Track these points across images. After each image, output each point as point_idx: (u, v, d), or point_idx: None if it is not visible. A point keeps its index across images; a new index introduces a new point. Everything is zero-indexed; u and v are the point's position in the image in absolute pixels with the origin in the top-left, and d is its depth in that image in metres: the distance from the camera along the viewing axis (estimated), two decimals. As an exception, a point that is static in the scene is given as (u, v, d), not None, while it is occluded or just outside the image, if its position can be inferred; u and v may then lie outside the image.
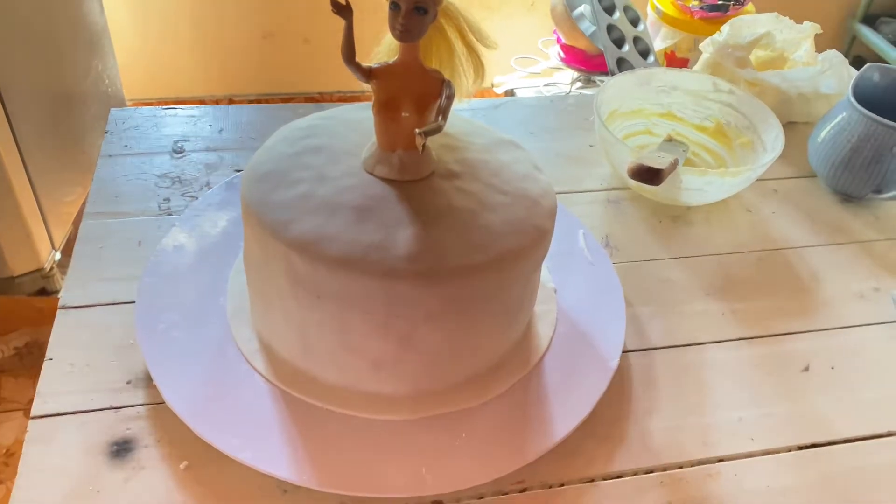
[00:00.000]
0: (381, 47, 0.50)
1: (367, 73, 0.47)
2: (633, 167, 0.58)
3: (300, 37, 1.88)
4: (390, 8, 0.44)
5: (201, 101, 1.93)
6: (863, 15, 2.11)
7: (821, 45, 0.84)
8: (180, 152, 0.71)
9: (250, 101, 1.97)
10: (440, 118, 0.46)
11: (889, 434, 0.54)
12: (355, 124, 0.52)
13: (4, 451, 1.27)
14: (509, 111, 0.84)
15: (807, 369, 0.58)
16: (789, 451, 0.53)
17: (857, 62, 2.31)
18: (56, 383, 0.51)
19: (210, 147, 0.72)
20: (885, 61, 2.05)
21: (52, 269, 1.35)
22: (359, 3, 0.47)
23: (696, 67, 0.84)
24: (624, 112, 0.77)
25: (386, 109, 0.48)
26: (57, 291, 1.37)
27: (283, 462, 0.46)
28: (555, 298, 0.58)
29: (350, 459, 0.47)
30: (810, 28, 0.83)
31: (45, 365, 0.52)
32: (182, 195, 0.67)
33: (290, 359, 0.50)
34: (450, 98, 0.47)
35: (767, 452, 0.52)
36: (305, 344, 0.49)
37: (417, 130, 0.43)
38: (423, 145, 0.45)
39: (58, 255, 1.36)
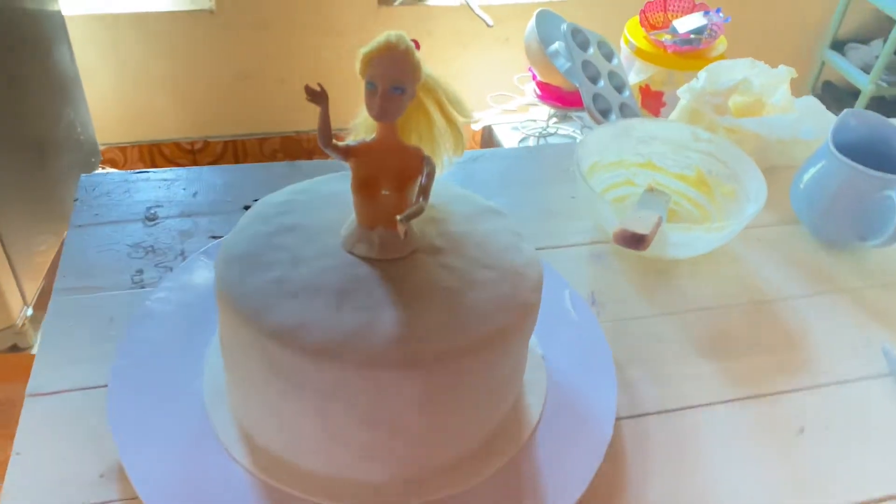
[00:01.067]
0: (357, 121, 0.49)
1: (346, 153, 0.46)
2: (617, 234, 0.57)
3: (275, 77, 1.87)
4: (366, 87, 0.43)
5: (176, 144, 1.91)
6: (831, 41, 2.14)
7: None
8: (153, 219, 0.69)
9: (225, 142, 1.95)
10: (421, 199, 0.44)
11: (887, 498, 0.53)
12: (333, 199, 0.51)
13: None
14: (487, 164, 0.83)
15: (802, 431, 0.57)
16: (788, 520, 0.51)
17: (826, 88, 2.34)
18: (25, 479, 0.48)
19: (184, 212, 0.70)
20: (854, 87, 2.08)
21: (24, 324, 1.31)
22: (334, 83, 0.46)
23: (674, 114, 0.84)
24: (604, 164, 0.76)
25: (365, 187, 0.46)
26: (30, 348, 1.33)
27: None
28: (543, 366, 0.57)
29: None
30: (786, 72, 0.83)
31: (13, 460, 0.49)
32: (156, 266, 0.65)
33: (271, 447, 0.48)
34: (430, 176, 0.45)
35: (767, 523, 0.51)
36: (287, 433, 0.47)
37: (398, 217, 0.42)
38: (405, 230, 0.43)
39: (30, 311, 1.33)
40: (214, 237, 0.67)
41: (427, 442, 0.47)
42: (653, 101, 1.62)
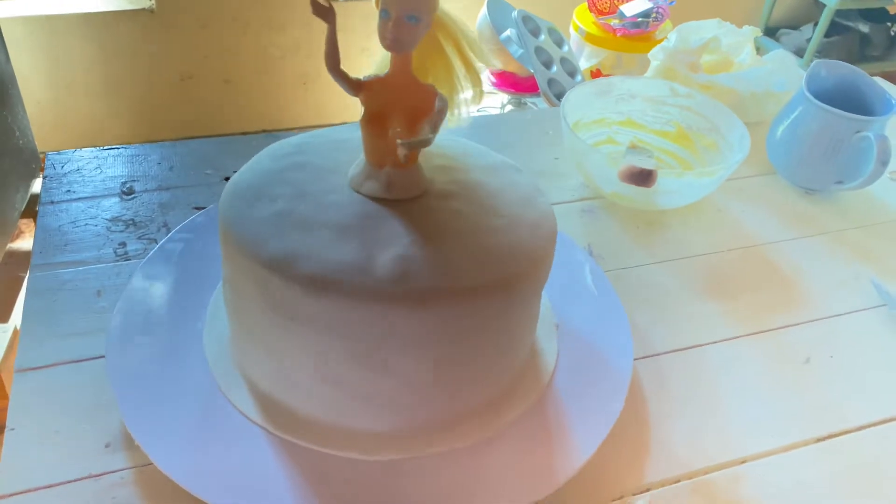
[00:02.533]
0: (374, 61, 0.47)
1: (356, 85, 0.44)
2: (624, 171, 0.57)
3: (220, 77, 1.82)
4: (380, 16, 0.42)
5: (119, 150, 1.84)
6: (764, 27, 2.22)
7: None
8: (130, 193, 0.66)
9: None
10: (429, 130, 0.43)
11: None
12: (348, 144, 0.49)
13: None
14: (469, 130, 0.82)
15: (808, 361, 0.58)
16: (807, 444, 0.52)
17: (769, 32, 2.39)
18: (22, 456, 0.45)
19: (161, 186, 0.67)
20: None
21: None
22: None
23: (648, 74, 0.85)
24: (586, 122, 0.76)
25: (374, 124, 0.45)
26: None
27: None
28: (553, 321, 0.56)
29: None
30: (750, 32, 0.85)
31: (7, 436, 0.46)
32: (139, 238, 0.61)
33: (277, 397, 0.46)
34: (441, 112, 0.44)
35: (787, 448, 0.51)
36: (285, 376, 0.45)
37: (399, 141, 0.40)
38: (407, 156, 0.42)
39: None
40: (199, 208, 0.65)
41: (428, 390, 0.45)
42: (604, 86, 1.65)
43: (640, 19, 1.57)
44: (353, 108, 1.89)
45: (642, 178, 0.56)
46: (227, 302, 0.49)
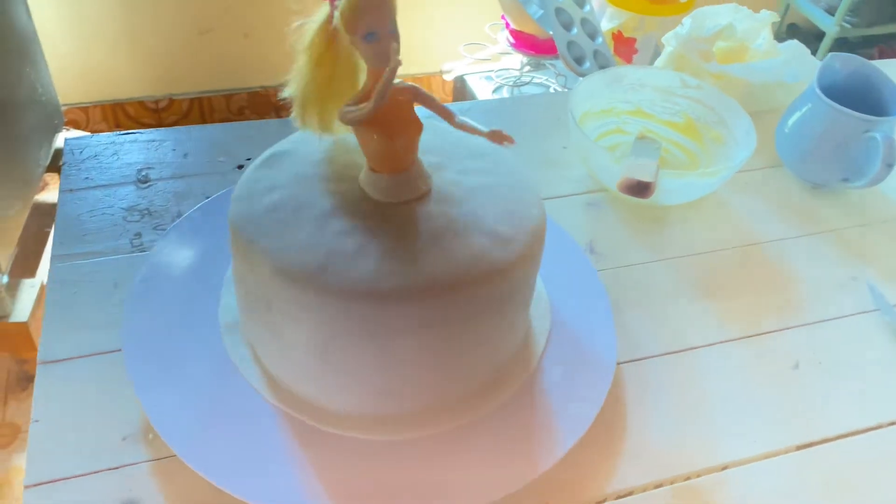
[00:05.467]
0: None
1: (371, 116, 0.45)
2: (622, 183, 0.58)
3: (239, 31, 1.82)
4: (366, 40, 0.42)
5: (140, 103, 1.86)
6: (796, -17, 2.15)
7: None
8: (146, 181, 0.68)
9: (190, 99, 1.90)
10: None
11: (882, 425, 0.56)
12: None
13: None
14: (475, 116, 0.82)
15: (796, 366, 0.60)
16: (788, 452, 0.54)
17: (791, 30, 2.35)
18: (47, 448, 0.49)
19: (176, 174, 0.69)
20: (819, 29, 2.10)
21: (0, 293, 1.29)
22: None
23: (659, 61, 0.84)
24: (595, 112, 0.77)
25: (372, 129, 0.46)
26: (7, 316, 1.31)
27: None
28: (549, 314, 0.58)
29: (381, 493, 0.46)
30: (768, 17, 0.84)
31: (32, 428, 0.50)
32: (154, 228, 0.64)
33: (286, 381, 0.50)
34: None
35: (769, 455, 0.54)
36: (287, 360, 0.49)
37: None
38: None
39: (5, 279, 1.30)
40: (209, 197, 0.67)
41: (418, 379, 0.48)
42: (625, 48, 1.62)
43: (664, -20, 1.53)
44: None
45: (640, 189, 0.57)
46: (236, 290, 0.52)
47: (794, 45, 0.81)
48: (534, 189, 0.52)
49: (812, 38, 2.17)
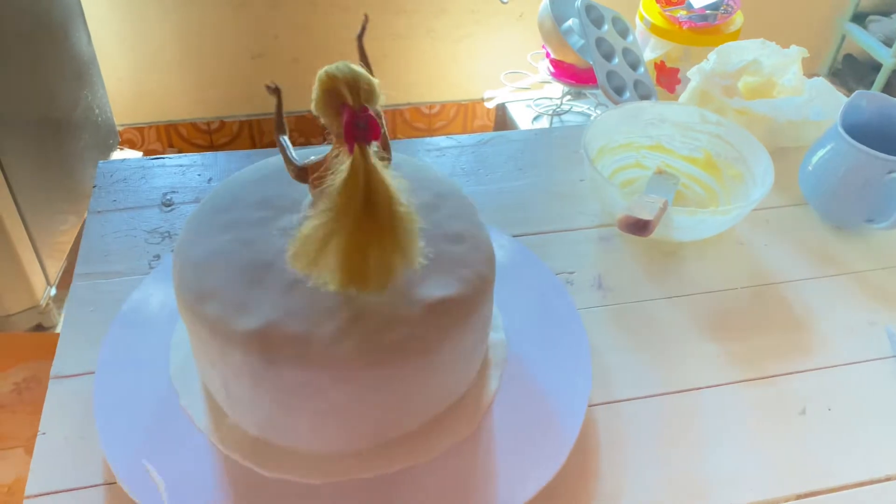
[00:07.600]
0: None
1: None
2: (621, 220, 0.58)
3: (289, 56, 1.87)
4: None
5: (192, 124, 1.92)
6: (852, 14, 2.11)
7: (811, 45, 0.83)
8: (169, 205, 0.71)
9: (241, 122, 1.96)
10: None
11: (887, 479, 0.54)
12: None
13: (6, 489, 1.27)
14: (496, 147, 0.83)
15: (804, 412, 0.58)
16: (787, 501, 0.53)
17: (847, 61, 2.30)
18: (50, 459, 0.51)
19: (199, 198, 0.72)
20: (875, 60, 2.05)
21: (47, 304, 1.34)
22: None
23: (683, 96, 0.84)
24: (614, 147, 0.77)
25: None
26: (54, 327, 1.37)
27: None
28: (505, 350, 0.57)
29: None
30: (797, 53, 0.83)
31: (39, 440, 0.52)
32: (172, 251, 0.66)
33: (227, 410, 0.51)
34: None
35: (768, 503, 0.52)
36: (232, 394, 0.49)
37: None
38: None
39: (53, 290, 1.36)
40: (229, 222, 0.69)
41: (361, 422, 0.48)
42: (668, 78, 1.61)
43: (708, 12, 1.52)
44: (420, 87, 1.91)
45: (638, 227, 0.57)
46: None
47: (819, 82, 0.80)
48: (484, 228, 0.52)
49: (868, 69, 2.12)
